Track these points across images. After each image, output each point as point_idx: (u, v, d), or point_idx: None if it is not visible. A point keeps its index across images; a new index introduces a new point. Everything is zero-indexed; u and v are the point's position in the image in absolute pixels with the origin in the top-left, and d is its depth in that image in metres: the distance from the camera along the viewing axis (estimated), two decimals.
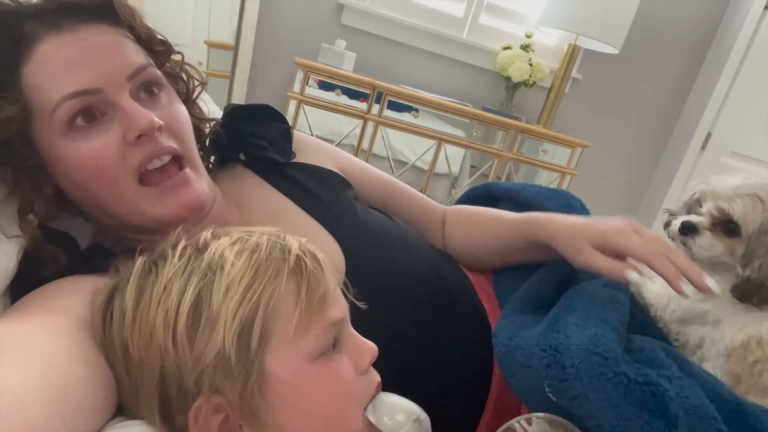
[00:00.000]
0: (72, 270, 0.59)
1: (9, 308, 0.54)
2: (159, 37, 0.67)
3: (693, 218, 0.82)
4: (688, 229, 0.82)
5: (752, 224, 0.77)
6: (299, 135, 0.84)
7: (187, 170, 0.63)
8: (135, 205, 0.60)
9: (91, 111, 0.58)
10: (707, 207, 0.81)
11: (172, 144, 0.62)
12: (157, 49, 0.66)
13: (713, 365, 0.76)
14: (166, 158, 0.61)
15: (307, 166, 0.78)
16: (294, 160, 0.79)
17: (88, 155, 0.58)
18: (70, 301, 0.52)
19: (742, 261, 0.78)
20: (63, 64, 0.57)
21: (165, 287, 0.48)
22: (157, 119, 0.59)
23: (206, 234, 0.53)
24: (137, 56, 0.62)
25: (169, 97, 0.65)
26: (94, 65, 0.58)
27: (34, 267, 0.58)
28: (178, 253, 0.50)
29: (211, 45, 2.52)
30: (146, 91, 0.62)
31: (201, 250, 0.50)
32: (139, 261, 0.51)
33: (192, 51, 2.44)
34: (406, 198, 0.89)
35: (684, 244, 0.83)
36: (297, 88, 2.29)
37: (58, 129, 0.57)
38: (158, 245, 0.53)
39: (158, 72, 0.65)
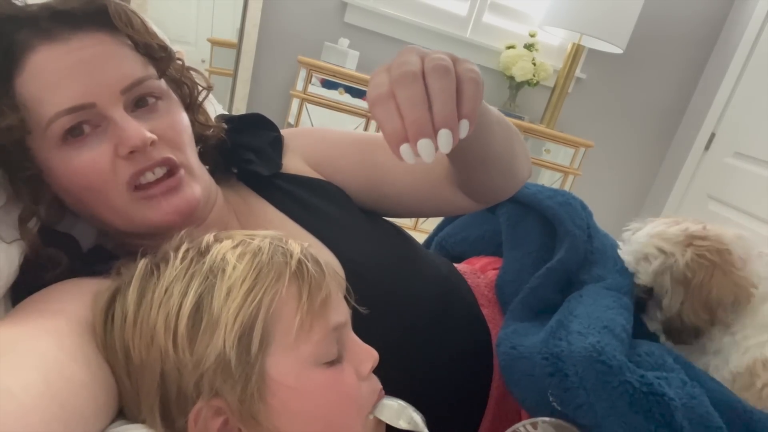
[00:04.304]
0: (74, 272, 0.59)
1: (10, 311, 0.54)
2: (159, 43, 0.64)
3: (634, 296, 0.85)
4: (636, 308, 0.83)
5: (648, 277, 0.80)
6: (286, 140, 0.80)
7: (180, 173, 0.61)
8: (124, 213, 0.60)
9: (83, 126, 0.57)
10: None
11: (166, 154, 0.60)
12: (158, 56, 0.63)
13: None
14: (161, 171, 0.60)
15: (299, 177, 0.76)
16: (285, 171, 0.76)
17: (80, 167, 0.57)
18: (71, 303, 0.52)
19: (656, 306, 0.80)
20: (55, 78, 0.56)
21: (166, 290, 0.48)
22: (149, 134, 0.57)
23: (208, 237, 0.53)
24: (133, 68, 0.60)
25: (168, 106, 0.63)
26: (86, 79, 0.56)
27: (35, 270, 0.58)
28: (180, 255, 0.50)
29: (215, 43, 2.52)
30: (142, 102, 0.61)
31: (203, 252, 0.50)
32: (141, 263, 0.51)
33: (195, 49, 2.46)
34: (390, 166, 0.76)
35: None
36: (300, 86, 2.28)
37: (52, 142, 0.57)
38: (161, 248, 0.53)
39: (157, 83, 0.62)
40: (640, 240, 0.82)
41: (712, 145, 2.74)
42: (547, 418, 0.59)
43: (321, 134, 0.83)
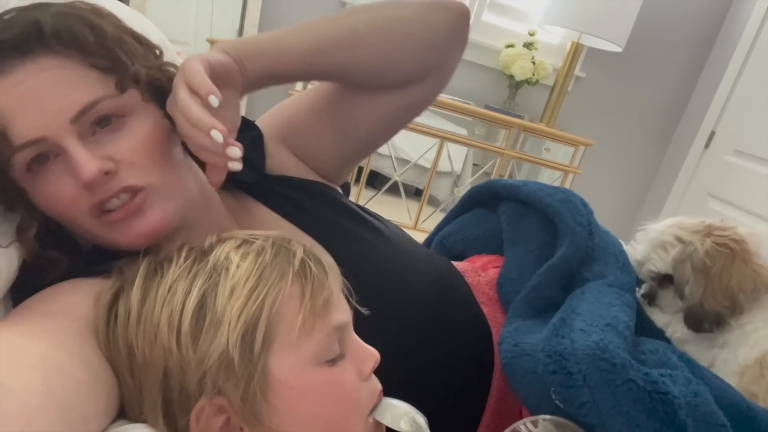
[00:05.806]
0: (74, 273, 0.59)
1: (11, 312, 0.54)
2: (127, 43, 0.59)
3: (645, 287, 0.86)
4: (648, 299, 0.85)
5: (665, 265, 0.81)
6: (265, 133, 0.78)
7: (140, 198, 0.58)
8: (96, 236, 0.59)
9: (46, 154, 0.55)
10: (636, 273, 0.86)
11: (127, 182, 0.57)
12: (123, 61, 0.58)
13: None
14: (126, 197, 0.57)
15: (291, 179, 0.76)
16: (274, 171, 0.76)
17: (48, 196, 0.56)
18: (71, 304, 0.52)
19: (677, 295, 0.80)
20: (6, 113, 0.53)
21: (170, 288, 0.48)
22: (103, 166, 0.54)
23: (212, 237, 0.53)
24: (83, 93, 0.55)
25: (135, 122, 0.59)
26: (34, 112, 0.53)
27: (36, 271, 0.58)
28: (183, 254, 0.51)
29: (213, 44, 2.52)
30: (105, 121, 0.57)
31: (206, 252, 0.51)
32: (145, 262, 0.52)
33: (194, 49, 2.46)
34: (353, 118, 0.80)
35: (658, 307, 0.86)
36: (299, 85, 2.28)
37: (20, 173, 0.55)
38: (163, 247, 0.53)
39: (116, 101, 0.57)
40: (658, 229, 0.83)
41: (712, 143, 2.74)
42: (547, 416, 0.59)
43: (286, 108, 0.85)
